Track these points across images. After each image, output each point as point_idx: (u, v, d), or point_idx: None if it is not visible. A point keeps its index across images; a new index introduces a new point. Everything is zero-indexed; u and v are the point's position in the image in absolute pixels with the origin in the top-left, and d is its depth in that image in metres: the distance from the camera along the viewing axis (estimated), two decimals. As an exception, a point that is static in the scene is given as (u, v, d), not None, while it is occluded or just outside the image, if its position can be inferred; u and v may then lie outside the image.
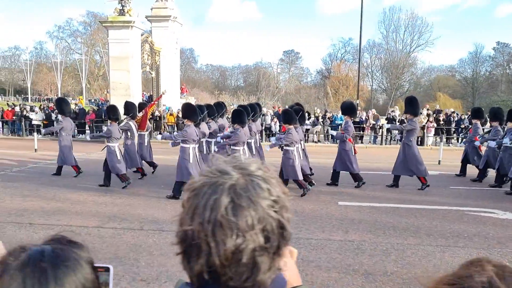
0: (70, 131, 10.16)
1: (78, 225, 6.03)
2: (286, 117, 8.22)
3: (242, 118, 8.14)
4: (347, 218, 6.44)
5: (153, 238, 5.50)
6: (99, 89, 74.04)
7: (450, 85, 59.43)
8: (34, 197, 7.71)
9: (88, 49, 68.67)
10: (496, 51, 60.59)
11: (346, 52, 60.53)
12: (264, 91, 52.14)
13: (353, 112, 9.27)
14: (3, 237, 5.37)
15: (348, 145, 8.75)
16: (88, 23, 73.66)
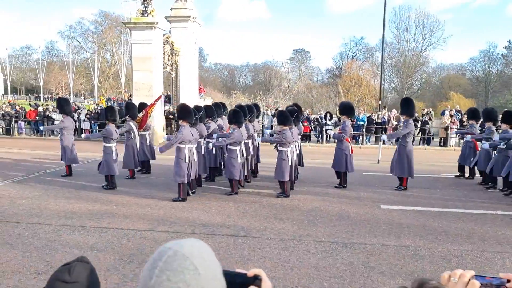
0: (71, 130, 10.32)
1: (130, 228, 6.10)
2: (281, 118, 8.27)
3: (239, 118, 8.21)
4: (395, 223, 6.45)
5: (207, 242, 5.52)
6: (110, 88, 74.56)
7: (461, 84, 58.95)
8: (77, 199, 7.79)
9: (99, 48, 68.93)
10: (508, 49, 60.02)
11: (358, 51, 60.38)
12: (276, 90, 51.99)
13: (351, 112, 9.38)
14: (60, 240, 5.47)
15: (345, 145, 8.84)
16: (100, 22, 74.04)
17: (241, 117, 8.32)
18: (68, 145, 9.92)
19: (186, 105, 8.20)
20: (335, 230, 6.06)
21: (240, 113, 8.39)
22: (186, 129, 7.65)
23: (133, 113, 9.99)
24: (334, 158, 9.04)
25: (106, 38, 72.95)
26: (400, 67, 54.88)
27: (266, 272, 3.40)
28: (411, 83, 56.51)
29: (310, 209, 7.24)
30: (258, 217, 6.72)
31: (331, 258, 5.00)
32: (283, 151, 8.02)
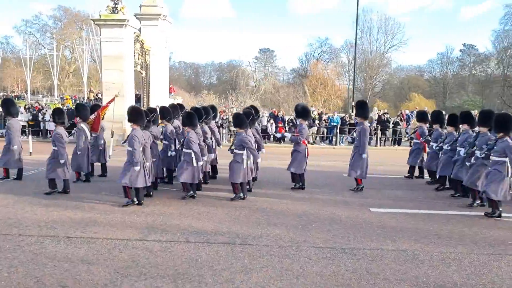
0: (18, 132, 9.93)
1: (119, 237, 5.82)
2: (237, 122, 8.24)
3: (193, 121, 8.11)
4: (388, 226, 6.50)
5: (204, 251, 5.36)
6: (70, 86, 72.06)
7: (420, 85, 61.04)
8: (55, 206, 7.39)
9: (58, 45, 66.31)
10: (463, 52, 62.64)
11: (323, 52, 61.28)
12: (243, 89, 51.94)
13: (307, 115, 9.47)
14: (46, 253, 5.15)
15: (301, 147, 8.92)
16: (59, 17, 71.43)
17: (195, 119, 8.21)
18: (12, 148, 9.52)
19: (137, 108, 8.00)
20: (331, 235, 6.03)
21: (194, 115, 8.28)
22: (138, 132, 7.42)
23: (84, 115, 9.72)
24: (292, 161, 9.04)
25: (66, 34, 70.50)
26: (364, 68, 56.12)
27: (272, 282, 3.30)
28: (374, 84, 57.95)
29: (301, 213, 7.18)
30: (250, 223, 6.60)
31: (334, 265, 4.95)
32: (239, 154, 7.95)
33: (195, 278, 4.58)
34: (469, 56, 62.07)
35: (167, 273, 4.68)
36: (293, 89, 52.02)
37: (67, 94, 30.36)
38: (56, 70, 57.04)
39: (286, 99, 50.30)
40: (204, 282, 4.46)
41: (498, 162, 6.98)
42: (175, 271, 4.75)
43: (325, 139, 19.78)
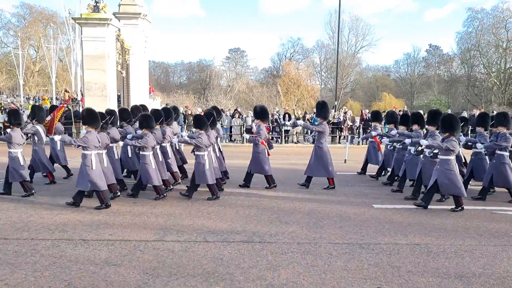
0: None
1: (137, 239, 5.80)
2: (197, 123, 8.38)
3: (150, 123, 8.19)
4: (395, 222, 6.75)
5: (226, 250, 5.43)
6: (36, 86, 69.78)
7: (387, 84, 62.68)
8: (60, 209, 7.25)
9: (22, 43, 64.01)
10: (428, 53, 64.79)
11: (295, 52, 61.85)
12: (216, 89, 51.81)
13: (265, 116, 9.64)
14: (66, 256, 5.10)
15: (260, 148, 9.08)
16: (22, 15, 68.98)
17: (152, 121, 8.24)
18: None
19: (92, 110, 7.99)
20: (344, 232, 6.22)
21: (150, 117, 8.31)
22: (92, 135, 7.38)
23: (39, 117, 9.63)
24: (252, 162, 9.19)
25: (30, 32, 68.14)
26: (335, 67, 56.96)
27: (302, 278, 3.44)
28: (346, 84, 58.98)
29: (309, 211, 7.35)
30: (263, 222, 6.70)
31: (356, 260, 5.13)
32: (199, 155, 8.05)
33: (226, 276, 4.64)
34: (434, 56, 64.18)
35: (197, 272, 4.73)
36: (267, 89, 52.25)
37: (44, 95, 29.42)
38: (22, 69, 55.04)
39: (260, 99, 50.45)
40: (236, 280, 4.54)
41: (445, 161, 7.35)
42: (204, 270, 4.80)
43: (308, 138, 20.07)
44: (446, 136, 7.41)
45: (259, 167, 9.12)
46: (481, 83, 52.80)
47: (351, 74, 59.58)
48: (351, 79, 61.20)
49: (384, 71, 68.04)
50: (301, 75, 54.82)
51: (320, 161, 9.08)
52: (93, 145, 7.30)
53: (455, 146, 7.25)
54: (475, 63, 53.12)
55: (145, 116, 8.36)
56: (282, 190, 9.08)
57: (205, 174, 7.99)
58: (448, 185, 7.32)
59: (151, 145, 8.02)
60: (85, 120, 7.58)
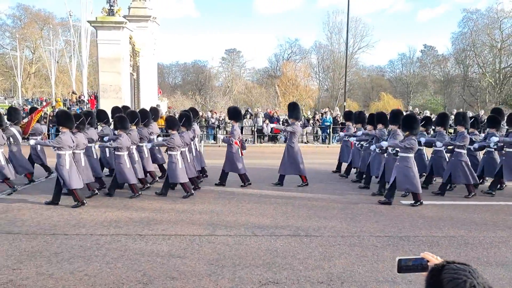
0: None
1: (190, 234, 6.15)
2: (169, 124, 8.73)
3: (124, 124, 8.52)
4: (426, 216, 7.17)
5: (277, 243, 5.80)
6: (32, 88, 69.63)
7: (382, 84, 63.34)
8: (105, 207, 7.57)
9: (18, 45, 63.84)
10: (423, 53, 65.57)
11: (293, 53, 62.28)
12: (215, 90, 52.08)
13: (238, 117, 10.03)
14: (131, 249, 5.45)
15: (234, 148, 9.42)
16: (18, 16, 68.72)
17: (126, 122, 8.56)
18: None
19: (66, 111, 8.26)
20: (382, 225, 6.62)
21: (125, 118, 8.63)
22: (66, 135, 7.63)
23: (16, 118, 9.99)
24: (226, 161, 9.52)
25: (26, 33, 67.93)
26: (334, 68, 57.53)
27: (357, 267, 3.86)
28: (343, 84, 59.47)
29: (342, 207, 7.74)
30: (302, 217, 7.08)
31: (401, 251, 5.53)
32: (172, 154, 8.37)
33: (286, 266, 5.02)
34: (429, 56, 64.89)
35: (258, 263, 5.10)
36: (266, 90, 52.63)
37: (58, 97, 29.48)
38: (20, 71, 54.96)
39: (259, 100, 50.86)
40: (297, 269, 4.92)
41: (404, 158, 7.74)
42: (264, 261, 5.17)
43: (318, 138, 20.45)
44: (406, 135, 7.83)
45: (233, 166, 9.44)
46: (477, 83, 53.57)
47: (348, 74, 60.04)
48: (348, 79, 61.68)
49: (379, 71, 68.73)
50: (299, 75, 55.34)
51: (292, 160, 9.45)
52: (67, 145, 7.56)
53: (413, 144, 7.67)
54: (470, 63, 53.93)
55: (120, 117, 8.69)
56: (311, 188, 9.47)
57: (177, 173, 8.28)
58: (404, 181, 7.71)
59: (126, 145, 8.34)
60: (59, 121, 7.88)
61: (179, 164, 8.32)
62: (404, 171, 7.70)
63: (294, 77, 53.27)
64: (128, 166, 8.35)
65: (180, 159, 8.39)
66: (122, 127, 8.47)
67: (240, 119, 10.45)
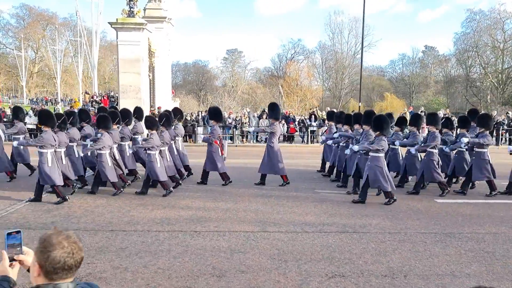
0: None
1: (242, 230, 6.39)
2: (147, 124, 8.97)
3: (107, 123, 8.74)
4: (464, 214, 7.44)
5: (330, 239, 6.04)
6: (34, 87, 69.80)
7: (383, 85, 63.64)
8: (152, 206, 7.80)
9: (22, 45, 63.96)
10: (424, 53, 65.90)
11: (296, 53, 62.51)
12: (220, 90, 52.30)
13: (218, 117, 10.20)
14: (192, 245, 5.68)
15: (214, 147, 9.61)
16: (22, 16, 68.76)
17: (108, 122, 8.78)
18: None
19: (47, 110, 8.48)
20: (424, 223, 6.87)
21: (107, 118, 8.84)
22: (48, 134, 7.83)
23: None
24: (206, 160, 9.72)
25: (30, 33, 68.00)
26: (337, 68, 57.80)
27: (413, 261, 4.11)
28: (346, 84, 59.82)
29: (380, 205, 7.99)
30: (344, 215, 7.34)
31: (451, 247, 5.78)
32: (151, 154, 8.58)
33: (346, 260, 5.26)
34: (429, 57, 65.19)
35: (318, 258, 5.34)
36: (270, 90, 52.87)
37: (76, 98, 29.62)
38: (25, 70, 55.10)
39: (263, 100, 51.08)
40: (357, 263, 5.16)
41: (375, 157, 7.95)
42: (322, 256, 5.42)
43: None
44: (377, 135, 8.05)
45: (213, 165, 9.62)
46: (479, 83, 53.90)
47: (352, 75, 60.33)
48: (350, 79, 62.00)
49: (379, 71, 69.00)
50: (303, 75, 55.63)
51: (272, 160, 9.60)
52: (49, 143, 7.77)
53: (383, 145, 7.94)
54: (472, 64, 54.29)
55: (102, 116, 8.94)
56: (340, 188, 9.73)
57: (157, 172, 8.51)
58: (375, 180, 7.95)
59: (107, 144, 8.54)
60: (42, 120, 8.15)
61: (157, 163, 8.52)
62: (375, 170, 7.90)
63: (298, 77, 53.54)
64: (110, 164, 8.54)
65: (158, 158, 8.59)
66: (104, 127, 8.67)
67: (221, 119, 10.63)
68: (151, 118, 9.16)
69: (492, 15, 51.90)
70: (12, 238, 1.84)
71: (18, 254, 1.86)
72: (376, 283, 4.63)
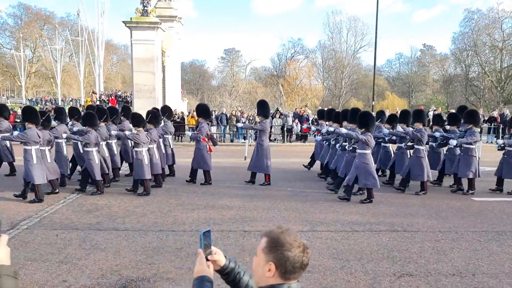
0: None
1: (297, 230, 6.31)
2: (134, 121, 9.00)
3: (93, 121, 8.67)
4: (507, 212, 7.46)
5: (382, 238, 6.00)
6: (32, 87, 69.31)
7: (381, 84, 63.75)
8: (191, 205, 7.73)
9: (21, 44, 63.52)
10: (422, 53, 66.15)
11: (296, 52, 62.46)
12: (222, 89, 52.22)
13: (206, 114, 10.16)
14: (244, 244, 5.62)
15: (202, 144, 9.55)
16: (19, 15, 68.21)
17: (95, 119, 8.72)
18: None
19: (32, 107, 8.43)
20: (470, 221, 6.86)
21: (94, 115, 8.80)
22: (32, 131, 7.78)
23: None
24: (194, 158, 9.64)
25: (27, 33, 67.50)
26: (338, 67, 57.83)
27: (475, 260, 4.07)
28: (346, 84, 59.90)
29: (420, 205, 7.98)
30: (387, 214, 7.31)
31: (507, 245, 5.77)
32: (138, 151, 8.53)
33: (407, 259, 5.23)
34: (427, 56, 65.45)
35: (378, 257, 5.30)
36: (271, 89, 52.85)
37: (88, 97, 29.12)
38: (24, 71, 54.67)
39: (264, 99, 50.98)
40: (420, 263, 5.13)
41: (362, 154, 7.98)
42: (382, 255, 5.38)
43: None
44: (363, 132, 8.07)
45: (201, 163, 9.54)
46: (477, 82, 54.18)
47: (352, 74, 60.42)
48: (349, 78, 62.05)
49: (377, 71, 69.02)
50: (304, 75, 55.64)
51: (260, 158, 9.52)
52: (33, 140, 7.71)
53: (369, 140, 7.93)
54: (471, 63, 54.53)
55: (88, 114, 8.89)
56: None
57: (143, 170, 8.43)
58: (362, 177, 7.94)
59: (93, 141, 8.48)
60: (25, 116, 8.08)
61: (145, 160, 8.45)
62: (362, 167, 7.89)
63: (299, 77, 53.56)
64: (97, 162, 8.45)
65: (146, 155, 8.51)
66: (91, 124, 8.57)
67: (209, 116, 10.56)
68: (138, 115, 9.06)
69: (490, 14, 52.20)
70: (206, 238, 1.79)
71: (211, 254, 1.81)
72: (447, 282, 4.59)
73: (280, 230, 1.65)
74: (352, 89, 62.44)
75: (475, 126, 9.10)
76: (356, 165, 8.00)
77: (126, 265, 4.95)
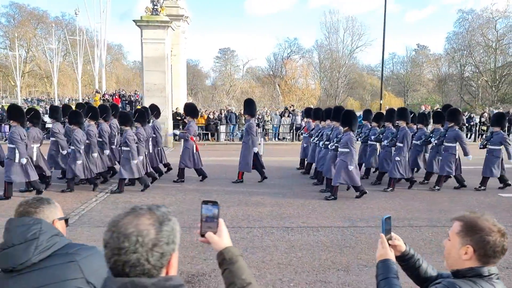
0: None
1: (335, 226, 6.40)
2: (121, 120, 9.02)
3: (79, 119, 8.62)
4: (535, 207, 7.58)
5: (427, 233, 6.09)
6: (26, 87, 68.65)
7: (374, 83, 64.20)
8: (223, 203, 7.71)
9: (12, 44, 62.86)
10: (416, 52, 66.68)
11: (292, 52, 62.57)
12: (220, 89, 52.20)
13: (195, 113, 10.28)
14: (301, 240, 5.67)
15: (190, 143, 9.56)
16: (12, 15, 67.49)
17: (80, 117, 8.65)
18: None
19: (17, 106, 8.50)
20: (502, 216, 6.95)
21: (79, 113, 8.74)
22: (17, 129, 7.75)
23: None
24: (182, 156, 9.60)
25: (20, 32, 66.80)
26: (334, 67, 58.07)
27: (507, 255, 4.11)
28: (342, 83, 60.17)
29: (449, 199, 8.09)
30: (419, 209, 7.42)
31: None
32: (125, 150, 8.51)
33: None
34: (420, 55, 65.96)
35: (430, 251, 5.38)
36: (269, 89, 52.88)
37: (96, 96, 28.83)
38: (19, 70, 54.12)
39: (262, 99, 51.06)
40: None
41: (343, 153, 8.04)
42: (431, 249, 5.46)
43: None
44: (345, 130, 8.11)
45: (187, 162, 9.51)
46: (474, 82, 54.73)
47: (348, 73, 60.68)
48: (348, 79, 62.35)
49: (369, 70, 69.50)
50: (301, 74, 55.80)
51: (245, 157, 9.55)
52: (20, 138, 7.65)
53: (351, 140, 7.97)
54: (466, 63, 55.07)
55: (74, 112, 8.85)
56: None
57: (131, 168, 8.38)
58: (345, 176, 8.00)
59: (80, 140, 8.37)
60: (10, 115, 8.02)
61: (134, 160, 8.39)
62: (344, 166, 7.94)
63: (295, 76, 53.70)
64: (80, 162, 8.34)
65: (134, 154, 8.41)
66: (77, 122, 8.49)
67: (196, 115, 10.61)
68: (126, 113, 9.04)
69: (484, 14, 52.77)
70: (387, 223, 1.83)
71: (392, 239, 1.85)
72: (502, 275, 4.67)
73: (476, 215, 1.69)
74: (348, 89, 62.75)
75: (456, 124, 9.25)
76: (339, 163, 8.00)
77: (181, 261, 4.96)
